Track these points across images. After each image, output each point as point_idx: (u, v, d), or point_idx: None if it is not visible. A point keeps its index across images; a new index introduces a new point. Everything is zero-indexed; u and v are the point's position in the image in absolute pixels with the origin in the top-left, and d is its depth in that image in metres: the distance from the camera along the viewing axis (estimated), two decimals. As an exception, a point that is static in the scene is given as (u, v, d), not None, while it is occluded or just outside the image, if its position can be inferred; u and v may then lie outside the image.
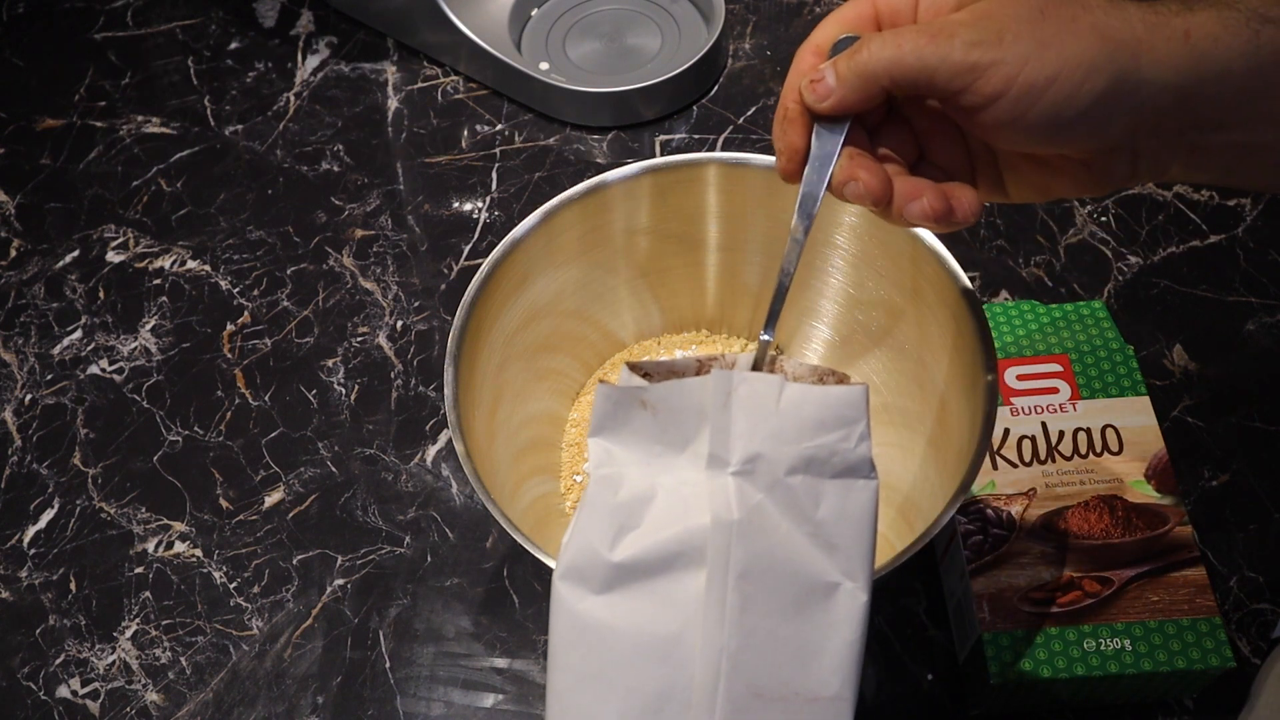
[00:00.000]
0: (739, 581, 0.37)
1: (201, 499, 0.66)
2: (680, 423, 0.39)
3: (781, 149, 0.41)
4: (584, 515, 0.39)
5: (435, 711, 0.58)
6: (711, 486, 0.38)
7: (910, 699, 0.57)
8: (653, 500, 0.39)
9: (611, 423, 0.40)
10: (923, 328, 0.56)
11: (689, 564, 0.38)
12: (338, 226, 0.79)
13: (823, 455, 0.38)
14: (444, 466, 0.67)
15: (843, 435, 0.38)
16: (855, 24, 0.41)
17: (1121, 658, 0.51)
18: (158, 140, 0.85)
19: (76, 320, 0.75)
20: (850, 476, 0.39)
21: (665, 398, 0.39)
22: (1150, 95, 0.37)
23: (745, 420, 0.39)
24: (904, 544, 0.47)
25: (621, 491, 0.39)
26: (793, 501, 0.38)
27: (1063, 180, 0.41)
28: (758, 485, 0.38)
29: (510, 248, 0.56)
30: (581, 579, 0.38)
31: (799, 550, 0.38)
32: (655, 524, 0.38)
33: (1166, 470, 0.56)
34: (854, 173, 0.40)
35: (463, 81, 0.87)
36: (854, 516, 0.39)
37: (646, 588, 0.38)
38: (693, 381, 0.39)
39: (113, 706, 0.60)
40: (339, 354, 0.72)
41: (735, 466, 0.38)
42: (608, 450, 0.40)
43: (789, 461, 0.38)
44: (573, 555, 0.38)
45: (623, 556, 0.38)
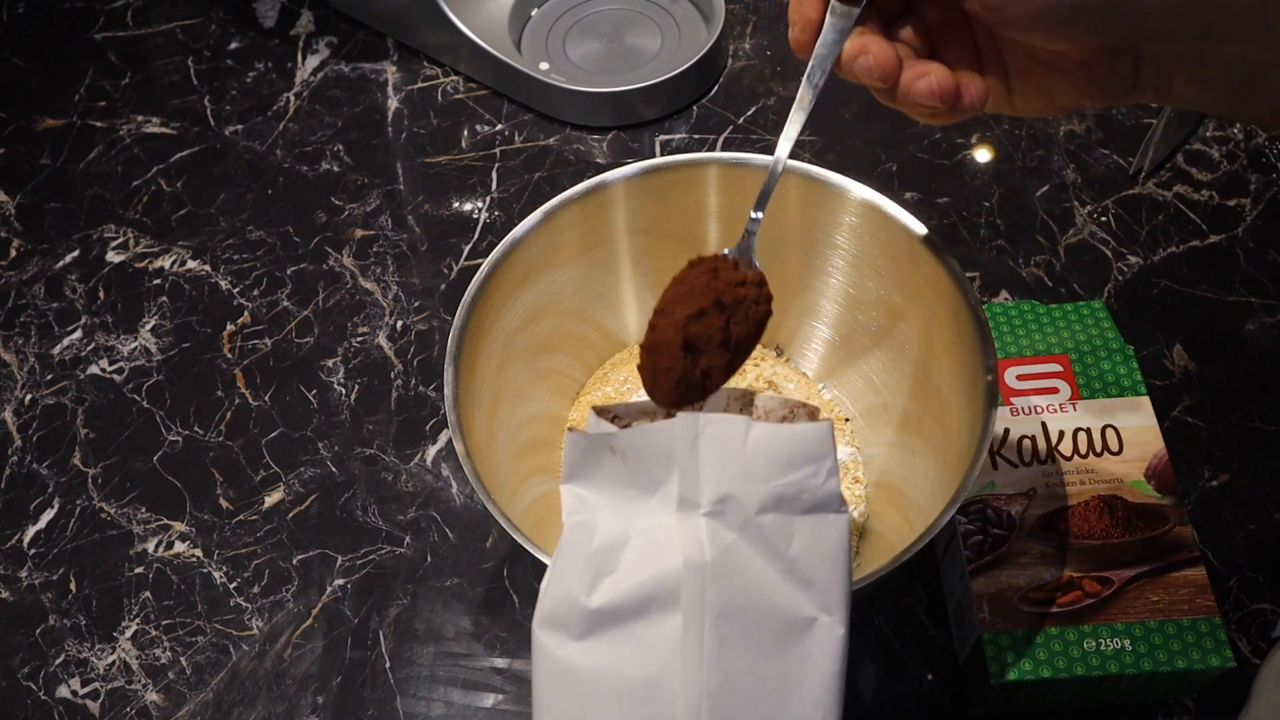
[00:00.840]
0: (716, 622, 0.38)
1: (201, 499, 0.66)
2: (650, 466, 0.40)
3: (795, 19, 0.42)
4: (560, 562, 0.39)
5: (435, 711, 0.58)
6: (683, 529, 0.39)
7: (910, 699, 0.57)
8: (627, 544, 0.39)
9: (582, 469, 0.40)
10: (923, 328, 0.56)
11: (665, 607, 0.38)
12: (338, 226, 0.79)
13: (792, 493, 0.39)
14: (444, 466, 0.67)
15: (811, 472, 0.39)
16: None
17: (1121, 658, 0.51)
18: (158, 140, 0.85)
19: (76, 320, 0.75)
20: (821, 512, 0.39)
21: (633, 443, 0.40)
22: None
23: (713, 461, 0.39)
24: (904, 544, 0.47)
25: (596, 537, 0.39)
26: (765, 539, 0.39)
27: (1065, 85, 0.41)
28: (729, 525, 0.39)
29: (510, 248, 0.56)
30: (561, 626, 0.39)
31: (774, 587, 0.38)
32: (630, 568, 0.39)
33: (1166, 470, 0.56)
34: (865, 46, 0.40)
35: (463, 81, 0.87)
36: (827, 551, 0.39)
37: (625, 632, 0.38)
38: (660, 425, 0.40)
39: (113, 706, 0.60)
40: (339, 354, 0.72)
41: (706, 508, 0.39)
42: (580, 497, 0.40)
43: (759, 501, 0.39)
44: (551, 603, 0.39)
45: (600, 602, 0.38)
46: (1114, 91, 0.41)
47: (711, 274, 0.44)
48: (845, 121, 0.82)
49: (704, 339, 0.43)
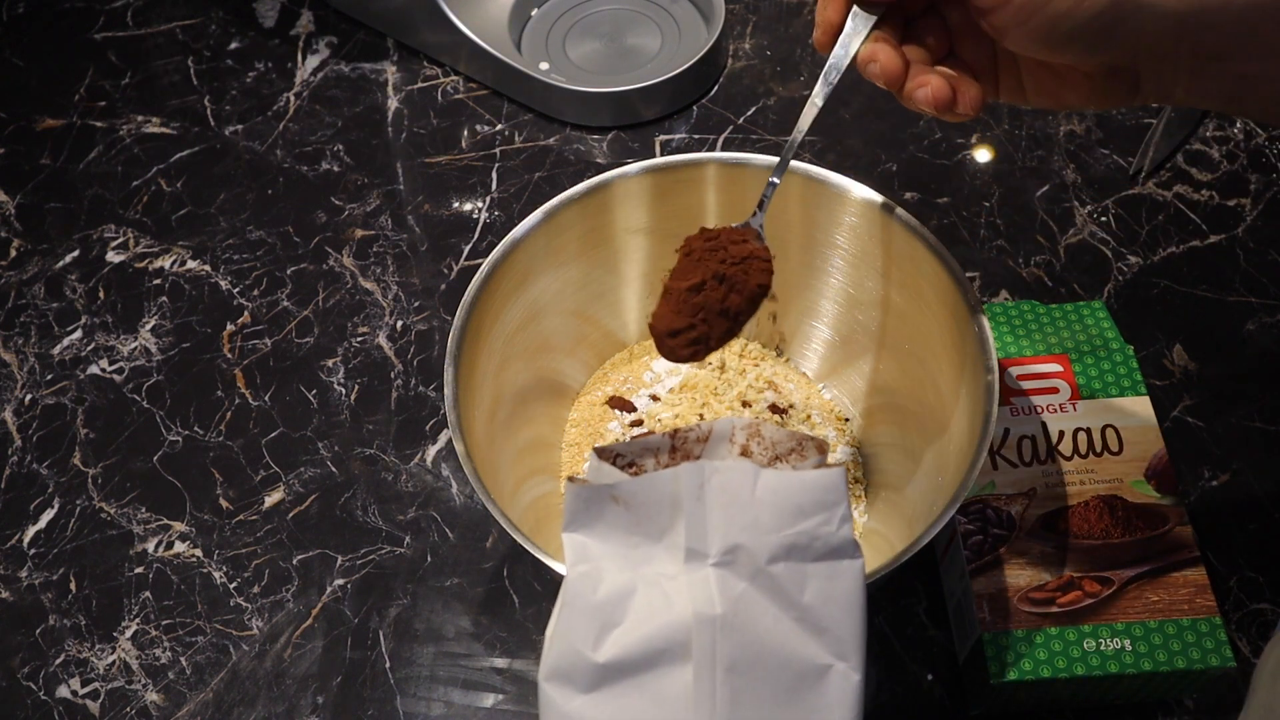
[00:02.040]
0: (727, 675, 0.37)
1: (201, 499, 0.66)
2: (654, 516, 0.39)
3: (820, 22, 0.47)
4: (565, 615, 0.39)
5: (435, 711, 0.58)
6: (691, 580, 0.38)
7: (910, 699, 0.57)
8: (633, 595, 0.38)
9: (585, 519, 0.40)
10: (923, 328, 0.56)
11: (674, 660, 0.37)
12: (338, 226, 0.79)
13: (803, 541, 0.38)
14: (444, 466, 0.67)
15: (823, 519, 0.38)
16: None
17: (1121, 658, 0.51)
18: (158, 140, 0.85)
19: (76, 320, 0.75)
20: (834, 558, 0.39)
21: (636, 493, 0.39)
22: (1150, 20, 0.39)
23: (721, 512, 0.38)
24: (904, 544, 0.47)
25: (601, 589, 0.39)
26: (777, 589, 0.38)
27: (1071, 90, 0.44)
28: (739, 575, 0.38)
29: (510, 248, 0.56)
30: (567, 680, 0.38)
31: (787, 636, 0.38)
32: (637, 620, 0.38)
33: (1166, 470, 0.56)
34: (875, 54, 0.45)
35: (463, 81, 0.87)
36: (841, 598, 0.38)
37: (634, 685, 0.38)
38: (664, 475, 0.39)
39: (113, 706, 0.60)
40: (339, 354, 0.72)
41: (715, 558, 0.38)
42: (583, 545, 0.40)
43: (769, 550, 0.38)
44: (556, 657, 0.38)
45: (607, 656, 0.38)
46: (1117, 97, 0.43)
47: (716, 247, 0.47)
48: (845, 121, 0.82)
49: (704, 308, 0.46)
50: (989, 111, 0.82)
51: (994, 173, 0.78)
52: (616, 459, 0.42)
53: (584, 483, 0.40)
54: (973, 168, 0.79)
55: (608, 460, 0.41)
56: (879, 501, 0.59)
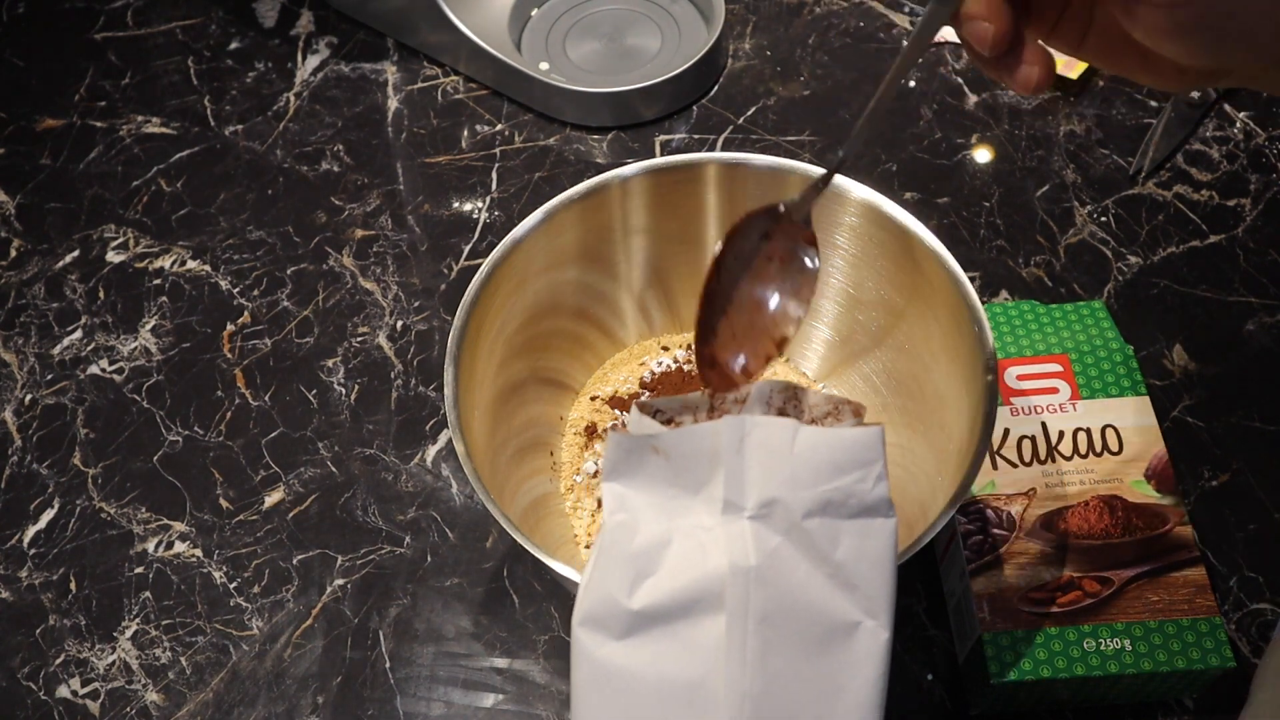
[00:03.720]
0: (759, 626, 0.38)
1: (201, 499, 0.66)
2: (694, 468, 0.40)
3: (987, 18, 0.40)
4: (600, 562, 0.39)
5: (435, 711, 0.58)
6: (728, 531, 0.39)
7: (910, 699, 0.57)
8: (669, 545, 0.39)
9: (625, 469, 0.40)
10: (923, 328, 0.56)
11: (708, 609, 0.38)
12: (338, 226, 0.79)
13: (839, 498, 0.39)
14: (444, 466, 0.67)
15: (859, 477, 0.39)
16: None
17: (1121, 658, 0.51)
18: (158, 140, 0.85)
19: (76, 320, 0.75)
20: (868, 516, 0.39)
21: (678, 443, 0.39)
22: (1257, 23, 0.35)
23: (760, 466, 0.39)
24: (904, 544, 0.47)
25: (638, 538, 0.39)
26: (811, 544, 0.38)
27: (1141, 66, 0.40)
28: (775, 529, 0.38)
29: (510, 248, 0.56)
30: (601, 626, 0.38)
31: (819, 591, 0.38)
32: (673, 570, 0.38)
33: (1166, 470, 0.56)
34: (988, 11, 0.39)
35: (463, 81, 0.87)
36: (873, 556, 0.39)
37: (667, 633, 0.38)
38: (705, 427, 0.39)
39: (113, 706, 0.60)
40: (339, 354, 0.72)
41: (751, 511, 0.39)
42: (621, 496, 0.40)
43: (805, 505, 0.38)
44: (591, 603, 0.39)
45: (642, 603, 0.38)
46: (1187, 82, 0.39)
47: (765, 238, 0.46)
48: (845, 122, 0.82)
49: None
50: (989, 111, 0.82)
51: (994, 173, 0.78)
52: (656, 414, 0.42)
53: (625, 433, 0.40)
54: (973, 168, 0.79)
55: (648, 414, 0.42)
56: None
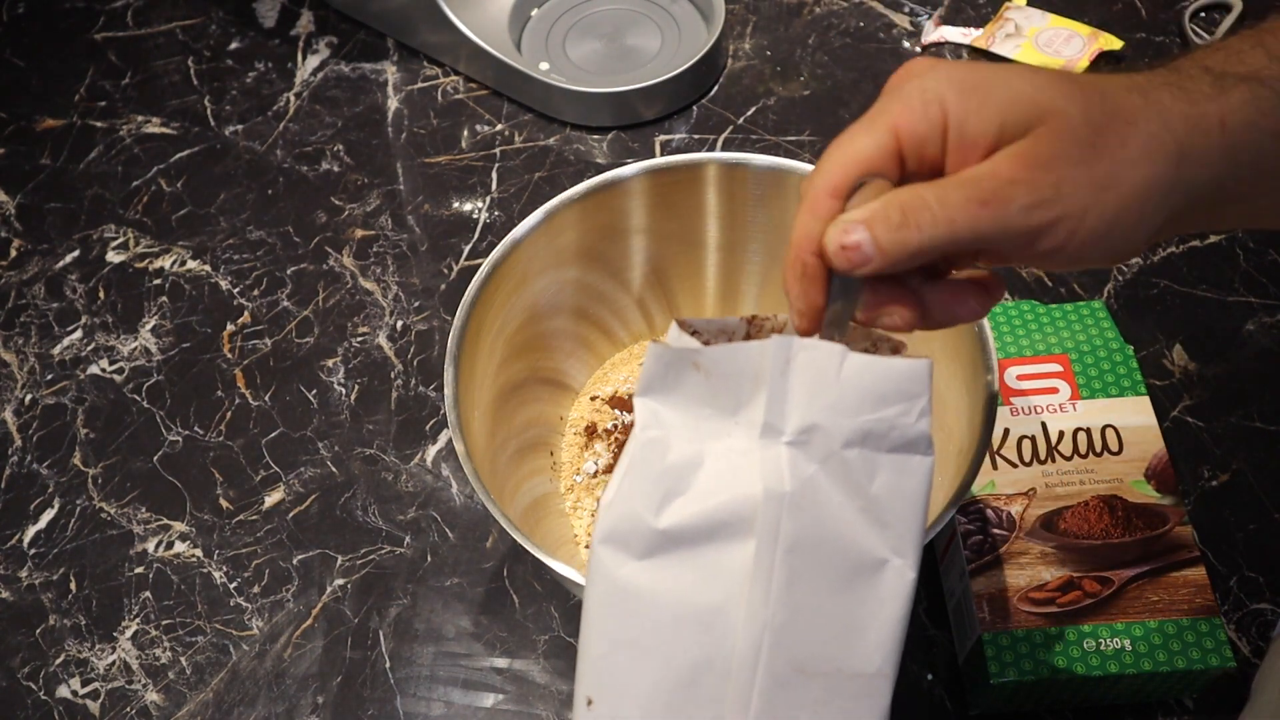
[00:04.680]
0: (787, 555, 0.36)
1: (201, 499, 0.66)
2: (735, 388, 0.38)
3: (801, 309, 0.38)
4: (628, 478, 0.37)
5: (435, 711, 0.58)
6: (764, 455, 0.37)
7: (910, 699, 0.57)
8: (701, 466, 0.38)
9: (661, 384, 0.38)
10: (923, 328, 0.56)
11: (736, 534, 0.37)
12: (338, 226, 0.79)
13: (881, 429, 0.37)
14: (444, 466, 0.67)
15: (903, 409, 0.37)
16: (875, 160, 0.36)
17: (1121, 658, 0.51)
18: (158, 140, 0.85)
19: (76, 320, 0.75)
20: (907, 452, 0.38)
21: (720, 361, 0.38)
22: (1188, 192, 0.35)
23: (804, 389, 0.37)
24: (904, 544, 0.47)
25: (669, 456, 0.37)
26: (847, 475, 0.37)
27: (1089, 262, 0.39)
28: (812, 457, 0.37)
29: (510, 248, 0.56)
30: (623, 544, 0.37)
31: (850, 525, 0.37)
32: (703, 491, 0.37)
33: (1166, 470, 0.56)
34: (882, 304, 0.37)
35: (463, 81, 0.87)
36: (908, 493, 0.38)
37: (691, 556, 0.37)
38: (751, 345, 0.37)
39: (113, 706, 0.60)
40: (339, 354, 0.72)
41: (790, 436, 0.37)
42: (655, 412, 0.38)
43: (846, 434, 0.37)
44: (615, 519, 0.37)
45: (668, 523, 0.37)
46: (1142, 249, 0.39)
47: None
48: (845, 121, 0.81)
49: None
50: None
51: (994, 173, 0.78)
52: (695, 334, 0.41)
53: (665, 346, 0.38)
54: (973, 168, 0.79)
55: (687, 332, 0.40)
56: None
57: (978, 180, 0.34)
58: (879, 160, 0.36)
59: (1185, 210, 0.36)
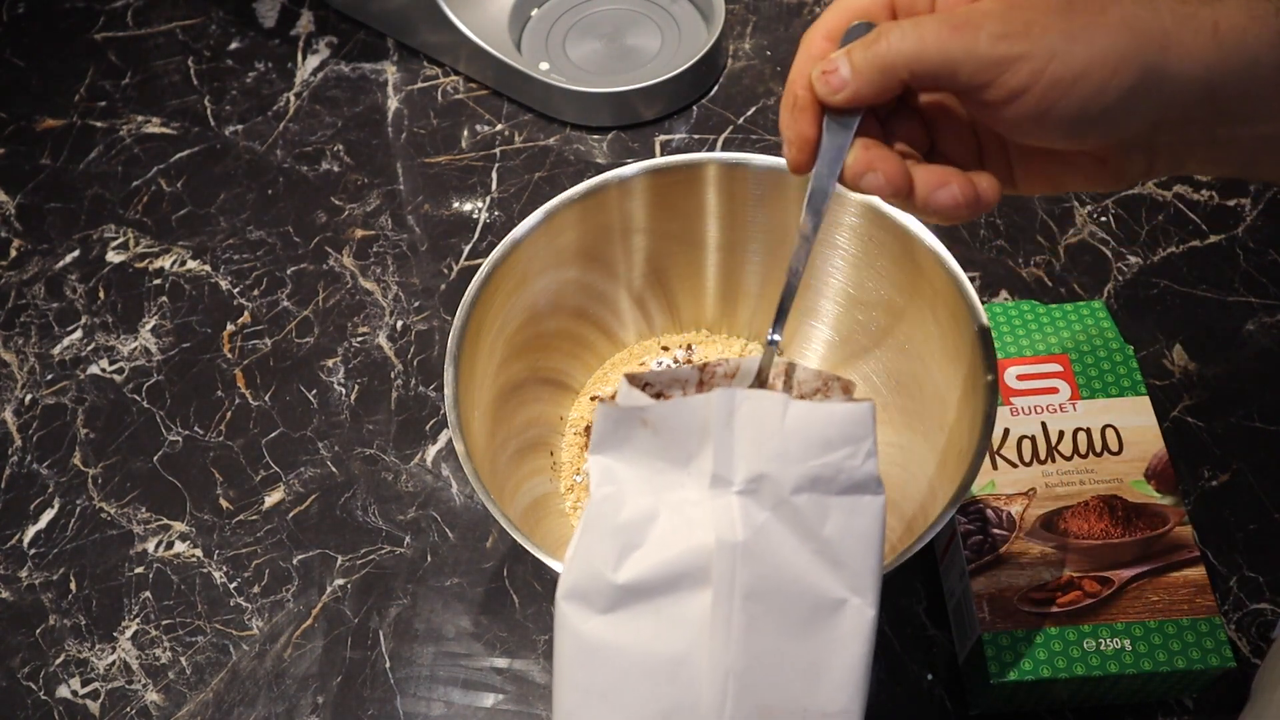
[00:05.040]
0: (745, 602, 0.37)
1: (201, 499, 0.66)
2: (682, 441, 0.39)
3: (791, 139, 0.39)
4: (586, 535, 0.39)
5: (435, 711, 0.58)
6: (715, 506, 0.38)
7: (910, 699, 0.57)
8: (656, 519, 0.39)
9: (612, 441, 0.40)
10: (923, 328, 0.56)
11: (694, 584, 0.38)
12: (338, 226, 0.79)
13: (828, 473, 0.38)
14: (444, 466, 0.67)
15: (849, 452, 0.38)
16: (869, 9, 0.39)
17: (1121, 658, 0.51)
18: (158, 140, 0.85)
19: (76, 320, 0.75)
20: (857, 493, 0.39)
21: (667, 417, 0.39)
22: (1177, 90, 0.36)
23: (749, 440, 0.38)
24: (904, 544, 0.47)
25: (624, 511, 0.39)
26: (799, 520, 0.38)
27: (1075, 175, 0.41)
28: (763, 504, 0.38)
29: (510, 248, 0.56)
30: (585, 599, 0.38)
31: (805, 568, 0.38)
32: (659, 544, 0.38)
33: (1166, 470, 0.56)
34: (870, 163, 0.38)
35: (463, 81, 0.87)
36: (861, 533, 0.38)
37: (651, 607, 0.38)
38: (695, 400, 0.39)
39: (113, 706, 0.60)
40: (339, 354, 0.72)
41: (739, 486, 0.38)
42: (609, 469, 0.40)
43: (794, 481, 0.38)
44: (576, 576, 0.38)
45: (626, 577, 0.38)
46: (1126, 178, 0.40)
47: None
48: (845, 121, 0.82)
49: None
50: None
51: (994, 173, 0.78)
52: (646, 387, 0.42)
53: (614, 405, 0.39)
54: (973, 168, 0.79)
55: (637, 387, 0.41)
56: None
57: (953, 9, 0.37)
58: (871, 8, 0.39)
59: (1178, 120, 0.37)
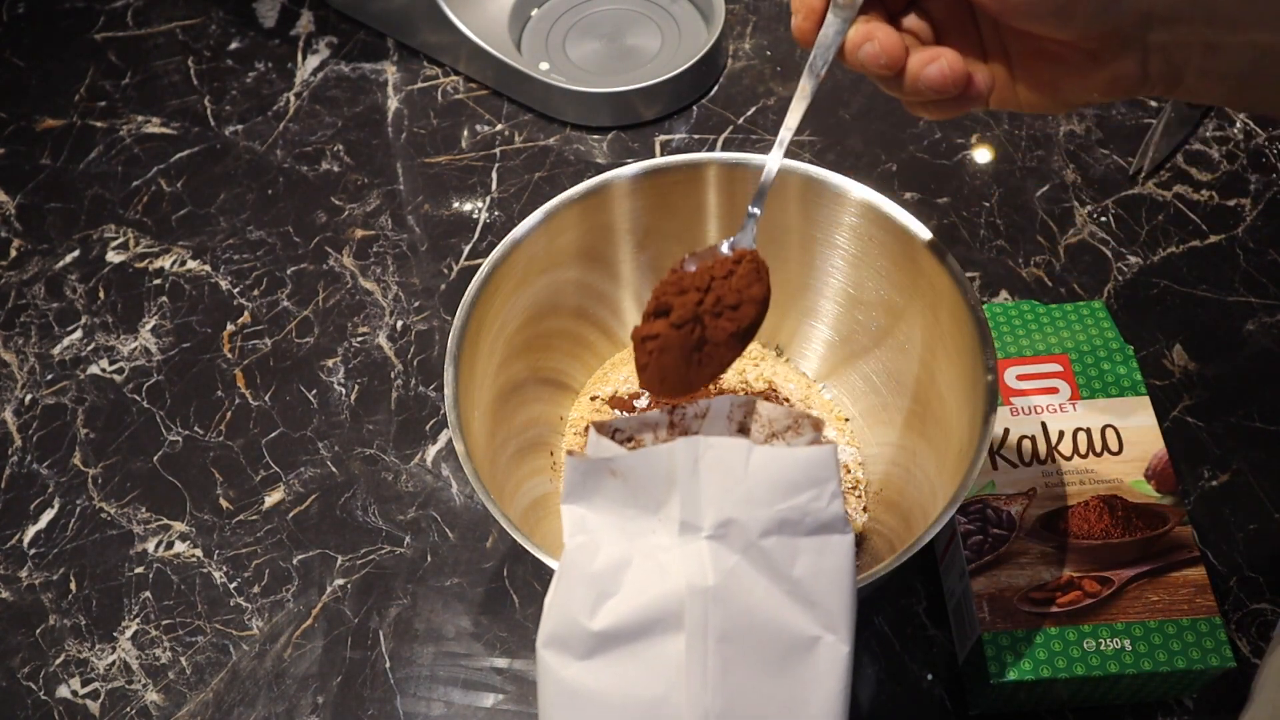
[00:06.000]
0: (719, 645, 0.38)
1: (201, 499, 0.66)
2: (650, 489, 0.40)
3: (798, 7, 0.42)
4: (562, 583, 0.40)
5: (435, 711, 0.58)
6: (685, 552, 0.39)
7: (910, 699, 0.57)
8: (629, 566, 0.40)
9: (582, 491, 0.41)
10: (923, 328, 0.56)
11: (668, 629, 0.38)
12: (338, 226, 0.79)
13: (795, 516, 0.39)
14: (444, 466, 0.67)
15: (814, 495, 0.39)
16: None
17: (1121, 658, 0.51)
18: (158, 140, 0.85)
19: (76, 320, 0.75)
20: (825, 533, 0.40)
21: (634, 466, 0.40)
22: None
23: (715, 486, 0.39)
24: (904, 544, 0.47)
25: (598, 559, 0.40)
26: (768, 562, 0.39)
27: (1072, 78, 0.41)
28: (732, 548, 0.39)
29: (510, 248, 0.56)
30: (564, 646, 0.39)
31: (777, 608, 0.39)
32: (633, 590, 0.39)
33: (1166, 470, 0.56)
34: (870, 33, 0.40)
35: (463, 81, 0.87)
36: (831, 571, 0.39)
37: (628, 653, 0.39)
38: (660, 449, 0.40)
39: (113, 706, 0.60)
40: (339, 354, 0.72)
41: (708, 531, 0.39)
42: (581, 518, 0.41)
43: (762, 524, 0.39)
44: (553, 624, 0.39)
45: (603, 625, 0.39)
46: (1122, 84, 0.40)
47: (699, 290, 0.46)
48: (845, 122, 0.82)
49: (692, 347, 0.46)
50: (989, 111, 0.82)
51: (994, 173, 0.78)
52: (615, 434, 0.43)
53: (582, 456, 0.40)
54: (973, 168, 0.79)
55: (606, 435, 0.42)
56: (879, 501, 0.59)
57: None
58: None
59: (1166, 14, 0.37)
